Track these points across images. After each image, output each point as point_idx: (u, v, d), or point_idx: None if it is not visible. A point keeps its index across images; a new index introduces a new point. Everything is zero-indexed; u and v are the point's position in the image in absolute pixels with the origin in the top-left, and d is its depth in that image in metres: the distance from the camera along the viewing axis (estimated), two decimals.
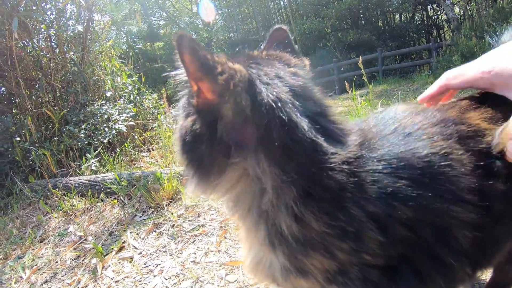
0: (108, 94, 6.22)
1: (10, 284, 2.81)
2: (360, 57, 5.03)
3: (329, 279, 0.81)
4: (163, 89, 8.48)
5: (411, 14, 21.27)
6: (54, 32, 5.90)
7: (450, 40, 14.08)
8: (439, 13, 21.35)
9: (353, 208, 0.75)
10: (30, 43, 5.98)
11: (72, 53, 6.38)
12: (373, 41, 18.98)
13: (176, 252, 2.53)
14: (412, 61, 16.36)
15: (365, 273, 0.79)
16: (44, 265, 2.96)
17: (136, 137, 5.80)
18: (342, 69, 17.02)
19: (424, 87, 9.04)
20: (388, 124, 0.92)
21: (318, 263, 0.79)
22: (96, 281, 2.49)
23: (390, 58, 17.07)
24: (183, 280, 2.22)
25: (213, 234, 2.63)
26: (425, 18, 21.74)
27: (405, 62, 16.68)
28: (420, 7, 20.77)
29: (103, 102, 5.87)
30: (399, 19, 22.31)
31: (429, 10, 21.56)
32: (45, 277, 2.78)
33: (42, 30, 5.88)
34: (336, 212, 0.75)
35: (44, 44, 6.11)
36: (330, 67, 16.59)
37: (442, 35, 21.68)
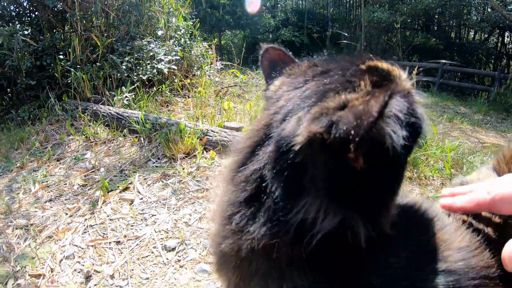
0: (159, 33, 6.19)
1: (18, 194, 2.90)
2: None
3: None
4: (215, 39, 8.45)
5: (486, 35, 19.93)
6: None
7: None
8: None
9: None
10: None
11: None
12: (439, 50, 18.02)
13: (174, 208, 2.54)
14: (472, 84, 15.21)
15: None
16: (54, 183, 3.05)
17: (176, 80, 5.79)
18: None
19: (476, 114, 8.59)
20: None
21: None
22: (93, 213, 2.54)
23: (451, 73, 16.15)
24: (170, 237, 2.24)
25: (214, 202, 2.61)
26: (499, 44, 20.31)
27: (464, 82, 15.47)
28: (497, 31, 19.38)
29: (152, 39, 5.86)
30: (472, 36, 21.08)
31: (506, 37, 20.07)
32: (51, 195, 2.87)
33: None
34: None
35: None
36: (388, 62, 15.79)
37: None
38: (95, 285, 1.95)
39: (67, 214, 2.57)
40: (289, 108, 0.57)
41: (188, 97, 5.55)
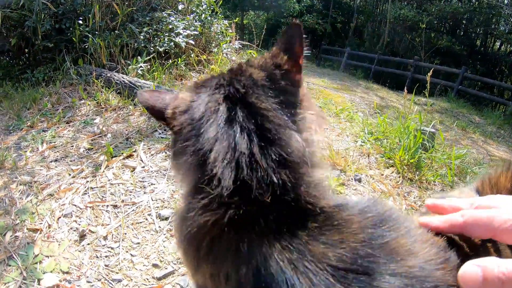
0: (180, 6, 6.16)
1: (26, 151, 2.97)
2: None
3: None
4: (238, 18, 8.39)
5: None
6: None
7: None
8: None
9: None
10: None
11: None
12: (462, 56, 17.73)
13: (173, 179, 2.57)
14: (491, 95, 14.50)
15: None
16: (61, 145, 3.11)
17: (192, 55, 5.78)
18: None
19: (490, 126, 8.43)
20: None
21: None
22: (95, 176, 2.59)
23: (470, 81, 15.73)
24: (165, 207, 2.28)
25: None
26: None
27: (483, 92, 14.83)
28: None
29: (173, 12, 5.85)
30: (498, 47, 20.56)
31: None
32: (57, 156, 2.92)
33: None
34: None
35: None
36: (409, 62, 15.50)
37: None
38: (88, 244, 2.00)
39: (70, 174, 2.63)
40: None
41: (203, 73, 5.55)
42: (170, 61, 5.20)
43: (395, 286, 0.52)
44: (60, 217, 2.20)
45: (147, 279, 1.80)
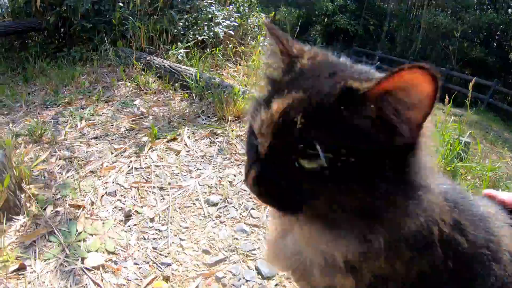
0: None
1: (64, 127, 2.90)
2: None
3: None
4: (273, 12, 8.28)
5: None
6: None
7: None
8: None
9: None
10: None
11: None
12: (494, 68, 17.30)
13: (219, 166, 2.46)
14: None
15: None
16: (100, 123, 3.03)
17: (230, 46, 5.69)
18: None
19: None
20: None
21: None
22: (139, 157, 2.50)
23: (501, 94, 15.25)
24: (213, 193, 2.18)
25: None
26: None
27: None
28: None
29: (212, 1, 5.78)
30: None
31: None
32: (97, 133, 2.85)
33: None
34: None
35: None
36: (440, 70, 14.83)
37: None
38: (134, 225, 1.90)
39: (112, 153, 2.54)
40: None
41: (239, 65, 5.45)
42: (208, 50, 5.11)
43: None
44: (103, 195, 2.11)
45: (198, 264, 1.70)
